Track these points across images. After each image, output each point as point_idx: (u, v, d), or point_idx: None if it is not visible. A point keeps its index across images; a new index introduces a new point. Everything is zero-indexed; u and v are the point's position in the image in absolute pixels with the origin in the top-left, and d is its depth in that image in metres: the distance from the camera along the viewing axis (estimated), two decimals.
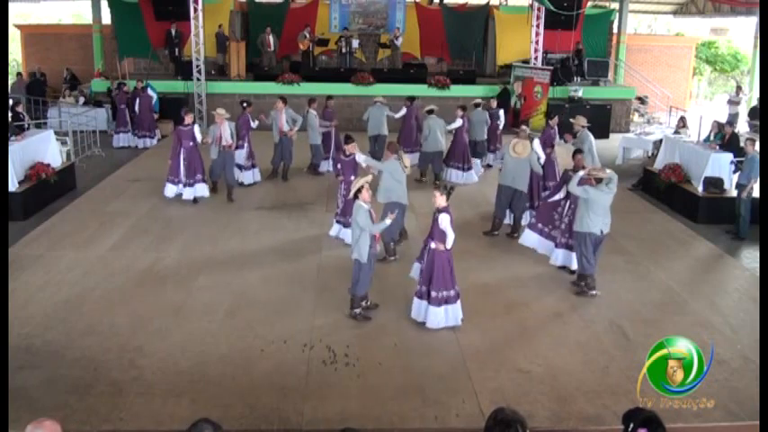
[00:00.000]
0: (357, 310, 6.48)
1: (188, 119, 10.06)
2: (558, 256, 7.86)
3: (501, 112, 12.97)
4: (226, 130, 10.22)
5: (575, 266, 7.65)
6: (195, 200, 10.12)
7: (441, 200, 6.16)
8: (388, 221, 6.52)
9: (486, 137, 12.37)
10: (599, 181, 7.00)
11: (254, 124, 11.30)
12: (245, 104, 11.46)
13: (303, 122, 11.53)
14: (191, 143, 10.01)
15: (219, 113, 10.26)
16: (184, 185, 10.08)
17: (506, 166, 8.86)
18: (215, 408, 4.96)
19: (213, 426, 2.82)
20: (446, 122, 11.55)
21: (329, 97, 12.41)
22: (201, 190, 10.22)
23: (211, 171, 10.50)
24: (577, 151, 7.98)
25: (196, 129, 10.12)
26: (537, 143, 9.12)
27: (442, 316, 6.24)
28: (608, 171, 7.06)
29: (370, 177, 6.67)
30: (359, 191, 6.30)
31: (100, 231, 8.85)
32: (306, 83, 16.52)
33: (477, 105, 12.48)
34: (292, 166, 11.79)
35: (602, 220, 7.02)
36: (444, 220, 6.10)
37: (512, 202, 8.93)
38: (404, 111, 12.41)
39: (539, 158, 8.94)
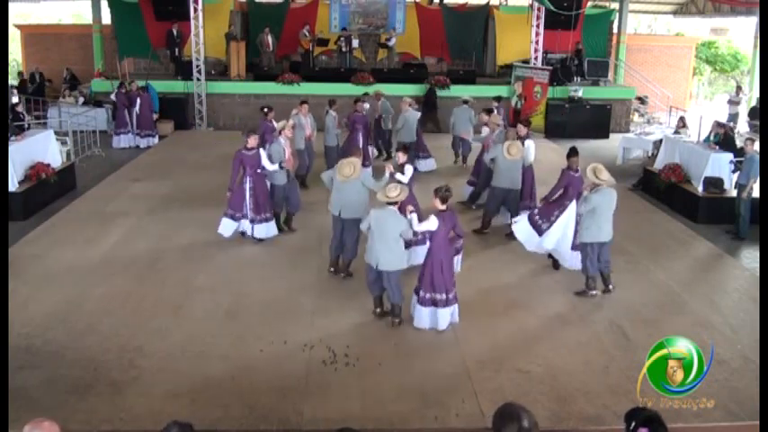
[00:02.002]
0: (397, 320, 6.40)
1: (252, 141, 8.26)
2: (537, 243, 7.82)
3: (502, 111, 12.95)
4: (288, 147, 8.79)
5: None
6: (260, 239, 8.46)
7: (438, 204, 6.14)
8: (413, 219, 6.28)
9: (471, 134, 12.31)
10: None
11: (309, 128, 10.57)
12: (266, 110, 10.83)
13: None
14: (258, 171, 8.30)
15: (287, 125, 8.89)
16: (252, 222, 8.36)
17: (500, 168, 8.82)
18: (215, 408, 4.97)
19: (181, 426, 2.81)
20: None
21: (358, 100, 11.97)
22: (271, 229, 8.56)
23: (275, 201, 8.70)
24: (573, 152, 7.86)
25: (262, 153, 8.33)
26: (529, 143, 9.13)
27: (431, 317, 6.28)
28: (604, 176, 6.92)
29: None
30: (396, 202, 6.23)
31: (100, 231, 8.85)
32: (306, 83, 16.53)
33: (464, 102, 12.69)
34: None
35: (607, 225, 6.94)
36: (432, 223, 6.09)
37: (505, 201, 8.96)
38: (367, 106, 12.67)
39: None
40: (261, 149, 8.34)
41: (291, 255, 8.19)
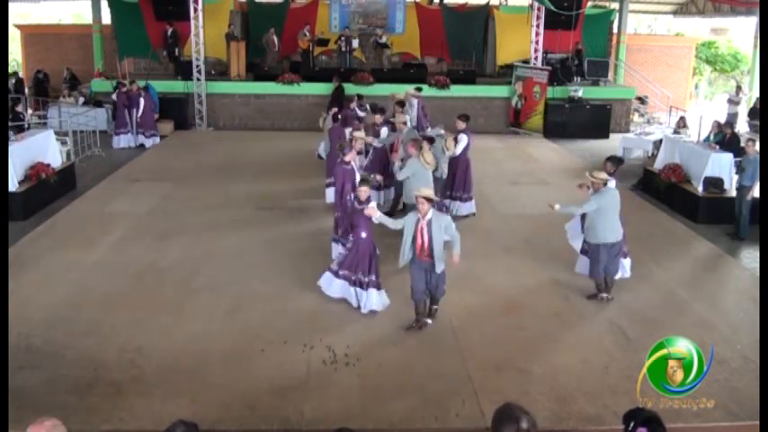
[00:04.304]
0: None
1: (350, 155, 7.61)
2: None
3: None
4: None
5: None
6: None
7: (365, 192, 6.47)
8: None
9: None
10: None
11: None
12: (339, 116, 10.20)
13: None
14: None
15: (360, 138, 8.20)
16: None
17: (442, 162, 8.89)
18: (215, 408, 4.97)
19: (187, 426, 2.81)
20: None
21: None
22: None
23: None
24: (609, 159, 7.49)
25: (356, 167, 7.78)
26: (462, 137, 9.36)
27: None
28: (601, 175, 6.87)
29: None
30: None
31: (100, 231, 8.85)
32: (306, 83, 16.53)
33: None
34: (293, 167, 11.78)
35: (613, 226, 6.86)
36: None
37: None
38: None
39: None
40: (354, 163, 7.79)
41: (291, 254, 8.19)
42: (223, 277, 7.45)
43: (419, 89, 13.26)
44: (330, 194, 9.34)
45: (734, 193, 9.60)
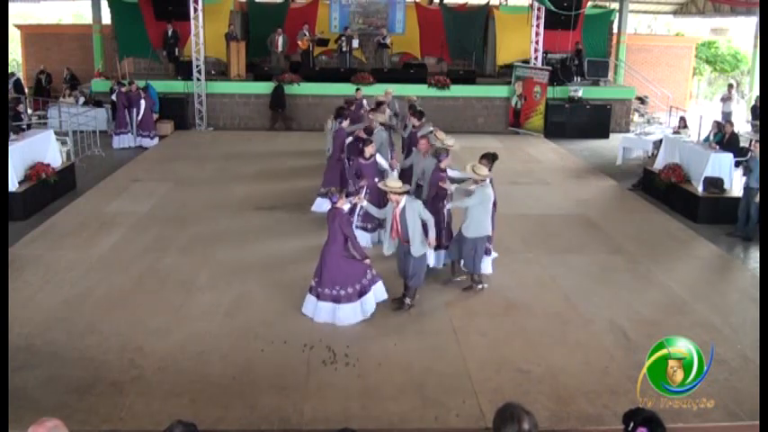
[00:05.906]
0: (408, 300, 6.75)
1: (446, 162, 7.49)
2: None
3: None
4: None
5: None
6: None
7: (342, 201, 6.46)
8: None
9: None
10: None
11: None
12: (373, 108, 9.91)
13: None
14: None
15: (444, 142, 7.99)
16: None
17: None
18: (215, 408, 4.97)
19: (185, 426, 2.81)
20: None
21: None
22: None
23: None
24: (485, 156, 7.36)
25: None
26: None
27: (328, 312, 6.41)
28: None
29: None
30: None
31: (100, 231, 8.85)
32: (306, 83, 16.53)
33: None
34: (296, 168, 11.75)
35: (489, 220, 7.12)
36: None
37: None
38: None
39: None
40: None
41: (291, 254, 8.19)
42: (223, 277, 7.46)
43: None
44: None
45: (734, 194, 9.58)
